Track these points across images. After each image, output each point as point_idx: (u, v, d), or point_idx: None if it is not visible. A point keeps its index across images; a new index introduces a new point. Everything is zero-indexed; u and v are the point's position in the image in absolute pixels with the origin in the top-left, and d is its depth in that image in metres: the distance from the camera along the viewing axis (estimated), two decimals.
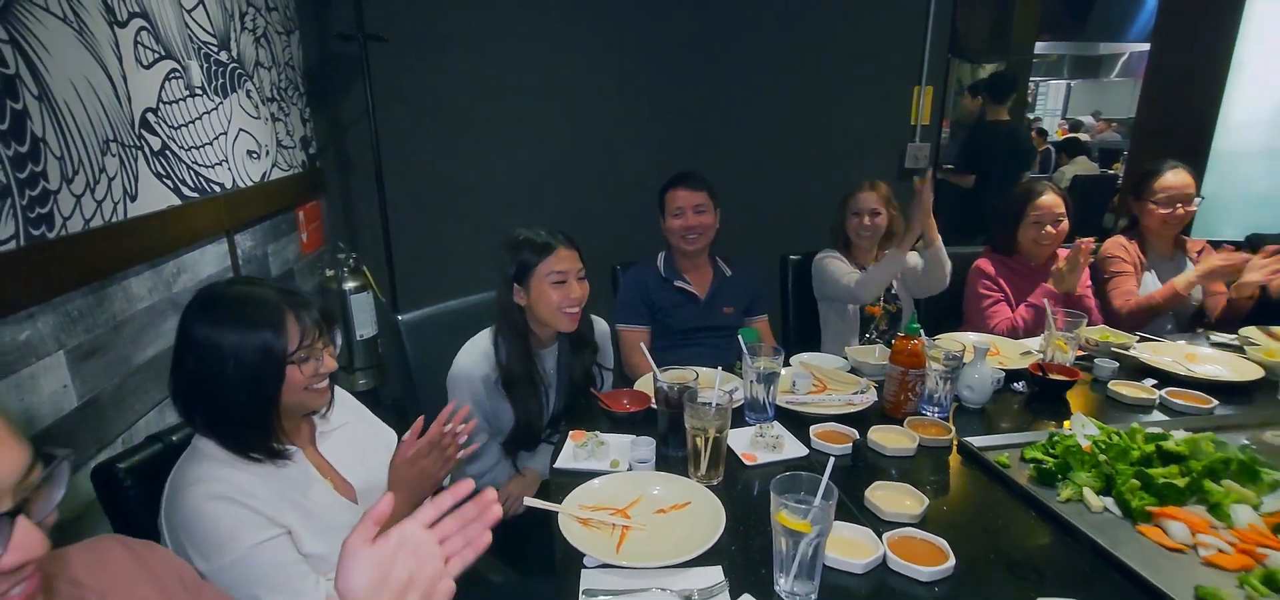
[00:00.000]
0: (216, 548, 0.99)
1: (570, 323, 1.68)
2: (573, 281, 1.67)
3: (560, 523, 1.15)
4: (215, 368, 1.02)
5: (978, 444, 1.45)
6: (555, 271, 1.64)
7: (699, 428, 1.31)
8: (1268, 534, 1.13)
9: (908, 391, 1.58)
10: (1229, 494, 1.21)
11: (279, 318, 1.06)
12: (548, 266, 1.64)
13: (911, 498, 1.24)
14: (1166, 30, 4.11)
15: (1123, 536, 1.15)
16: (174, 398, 1.07)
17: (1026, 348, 2.01)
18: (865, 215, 2.36)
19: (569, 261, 1.66)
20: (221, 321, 1.03)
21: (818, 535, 0.98)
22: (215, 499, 1.00)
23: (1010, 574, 1.08)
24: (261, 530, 1.03)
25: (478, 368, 1.68)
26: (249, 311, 1.05)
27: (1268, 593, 1.01)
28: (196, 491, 1.00)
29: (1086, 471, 1.29)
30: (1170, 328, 2.36)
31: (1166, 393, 1.70)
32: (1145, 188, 2.39)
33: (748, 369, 1.58)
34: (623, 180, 3.10)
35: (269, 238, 2.31)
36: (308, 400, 1.14)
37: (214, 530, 0.99)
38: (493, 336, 1.71)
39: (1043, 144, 7.48)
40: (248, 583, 0.99)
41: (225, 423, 1.05)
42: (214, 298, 1.07)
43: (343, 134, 2.92)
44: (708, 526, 1.15)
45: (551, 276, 1.64)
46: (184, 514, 0.99)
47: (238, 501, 1.01)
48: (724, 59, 3.10)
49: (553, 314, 1.66)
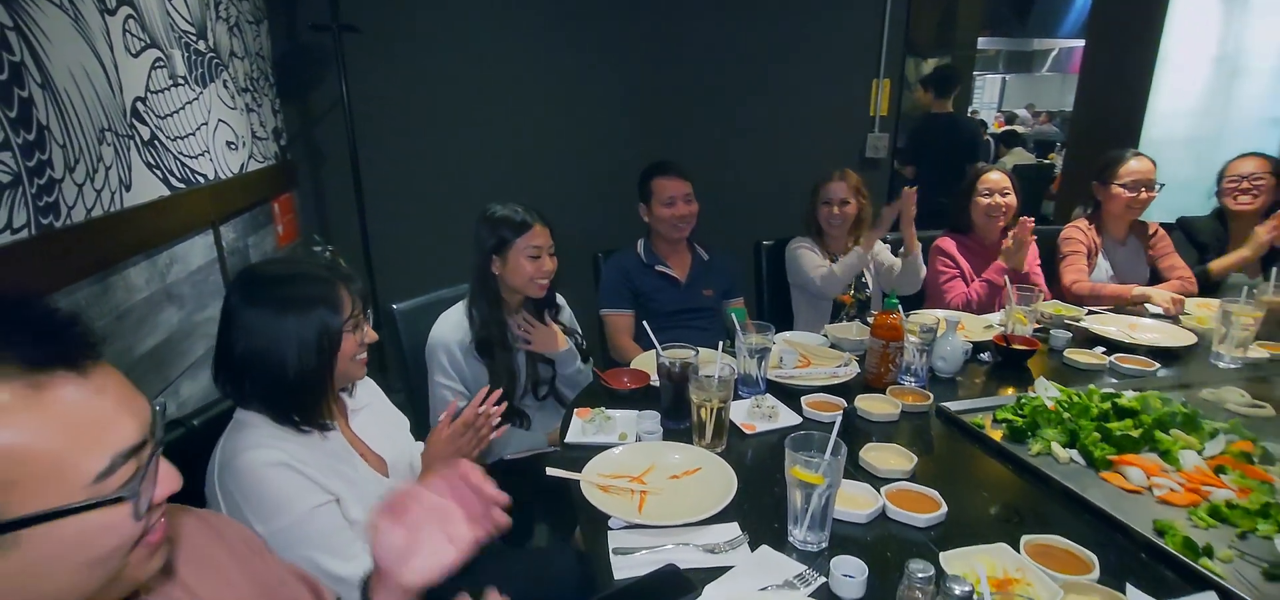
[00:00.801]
0: (275, 510, 1.03)
1: (540, 291, 1.84)
2: (545, 256, 1.81)
3: (583, 489, 1.22)
4: (275, 346, 1.06)
5: (955, 408, 1.58)
6: (531, 246, 1.78)
7: (704, 399, 1.39)
8: (1210, 474, 1.28)
9: (888, 363, 1.70)
10: (1177, 442, 1.36)
11: (333, 291, 1.11)
12: (525, 242, 1.78)
13: (901, 457, 1.35)
14: (1099, 27, 4.39)
15: (1089, 482, 1.28)
16: (219, 377, 1.10)
17: (988, 322, 2.16)
18: (835, 204, 2.47)
19: (543, 238, 1.80)
20: (280, 301, 1.07)
21: (829, 487, 1.07)
22: (273, 466, 1.04)
23: (995, 518, 1.20)
24: (316, 495, 1.07)
25: (453, 334, 1.79)
26: (307, 288, 1.10)
27: (1213, 523, 1.15)
28: (253, 457, 1.03)
29: (1053, 428, 1.43)
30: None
31: (1115, 358, 1.86)
32: (1111, 172, 2.54)
33: (740, 345, 1.67)
34: (598, 170, 3.15)
35: (249, 230, 2.28)
36: (352, 371, 1.19)
37: (274, 493, 1.03)
38: (466, 307, 1.82)
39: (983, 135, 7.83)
40: (303, 545, 1.03)
41: (283, 396, 1.09)
42: (267, 278, 1.11)
43: (313, 125, 2.89)
44: (721, 488, 1.23)
45: (528, 251, 1.78)
46: (242, 479, 1.02)
47: (294, 468, 1.05)
48: (693, 52, 3.18)
49: (526, 283, 1.81)
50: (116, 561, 0.60)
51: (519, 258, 1.77)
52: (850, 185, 2.48)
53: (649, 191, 2.34)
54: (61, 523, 0.55)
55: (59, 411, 0.55)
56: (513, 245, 1.77)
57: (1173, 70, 4.03)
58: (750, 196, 3.33)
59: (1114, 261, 2.59)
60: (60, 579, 0.57)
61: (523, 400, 1.88)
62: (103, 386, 0.59)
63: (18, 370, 0.54)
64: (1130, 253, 2.62)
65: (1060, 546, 1.06)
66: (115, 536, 0.59)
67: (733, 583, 1.03)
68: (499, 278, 1.81)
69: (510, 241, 1.77)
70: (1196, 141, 3.95)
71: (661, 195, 2.31)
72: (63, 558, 0.56)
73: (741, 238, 2.75)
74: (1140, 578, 1.02)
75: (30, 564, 0.55)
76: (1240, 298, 1.86)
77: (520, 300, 1.88)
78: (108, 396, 0.59)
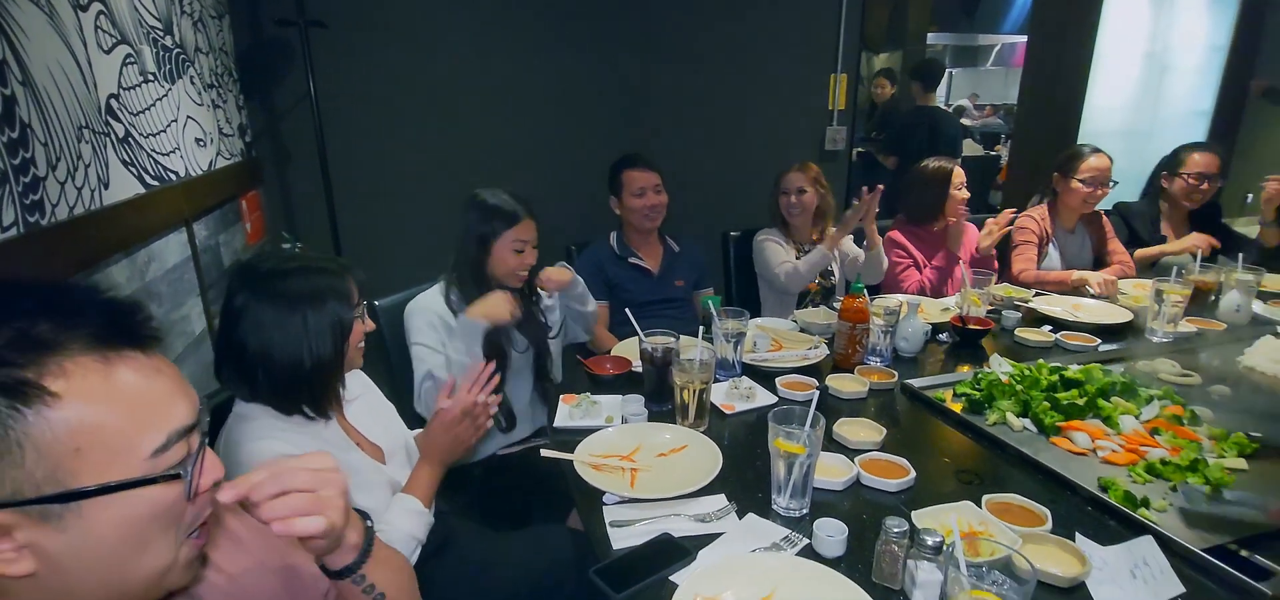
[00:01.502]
0: None
1: (518, 282, 1.88)
2: (528, 249, 1.85)
3: (577, 468, 1.28)
4: (291, 340, 1.08)
5: (918, 384, 1.68)
6: (518, 240, 1.82)
7: (687, 382, 1.46)
8: (1147, 436, 1.41)
9: (855, 344, 1.80)
10: (1117, 408, 1.49)
11: (343, 282, 1.15)
12: (513, 234, 1.81)
13: (871, 430, 1.45)
14: (1040, 23, 4.61)
15: (1040, 447, 1.40)
16: (222, 372, 1.11)
17: (946, 305, 2.29)
18: (792, 194, 2.56)
19: (529, 232, 1.84)
20: (293, 296, 1.10)
21: (809, 456, 1.15)
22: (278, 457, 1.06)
23: (958, 481, 1.30)
24: None
25: (434, 303, 1.81)
26: (317, 281, 1.12)
27: (1149, 478, 1.28)
28: (260, 448, 1.06)
29: (1007, 399, 1.54)
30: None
31: (1060, 336, 2.00)
32: (1073, 167, 2.69)
33: (717, 331, 1.74)
34: (569, 164, 3.19)
35: (220, 227, 2.26)
36: (355, 359, 1.23)
37: None
38: (443, 290, 1.84)
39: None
40: None
41: (298, 388, 1.11)
42: (273, 272, 1.12)
43: (279, 121, 2.86)
44: (707, 463, 1.30)
45: (514, 243, 1.82)
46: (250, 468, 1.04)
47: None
48: (659, 47, 3.25)
49: (506, 275, 1.84)
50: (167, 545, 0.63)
51: (504, 248, 1.81)
52: (808, 176, 2.57)
53: (619, 184, 2.40)
54: (120, 497, 0.58)
55: (124, 387, 0.59)
56: (501, 236, 1.80)
57: (1108, 66, 4.27)
58: (717, 188, 3.42)
59: (1063, 248, 2.76)
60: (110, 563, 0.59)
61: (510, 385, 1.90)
62: (161, 368, 0.62)
63: (90, 344, 0.57)
64: (1078, 240, 2.79)
65: (1017, 503, 1.17)
66: (167, 516, 0.62)
67: (724, 547, 1.11)
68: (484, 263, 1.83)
69: (499, 232, 1.80)
70: (1130, 134, 4.20)
71: (631, 186, 2.37)
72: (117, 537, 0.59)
73: (709, 229, 2.84)
74: (1087, 528, 1.13)
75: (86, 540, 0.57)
76: (1171, 278, 2.02)
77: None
78: (165, 377, 0.62)
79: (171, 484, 0.61)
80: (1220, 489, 1.22)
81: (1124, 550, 1.06)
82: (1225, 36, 4.58)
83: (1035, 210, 2.79)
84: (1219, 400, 1.64)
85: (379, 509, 1.20)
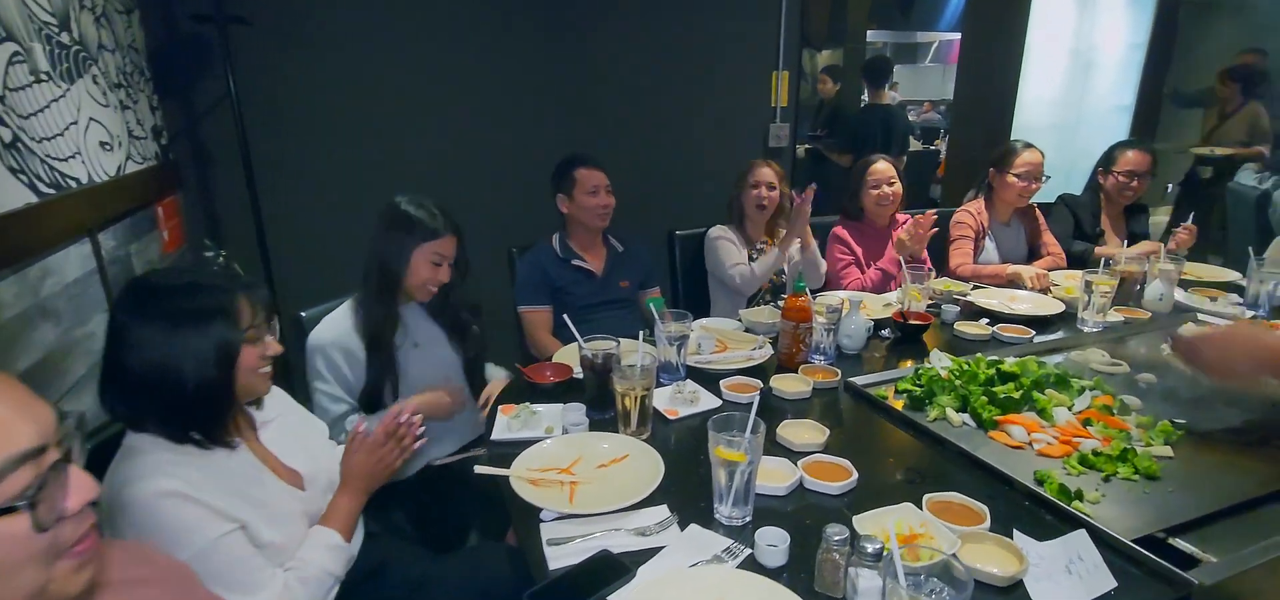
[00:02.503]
0: (173, 545, 0.95)
1: (427, 296, 1.78)
2: (446, 266, 1.75)
3: (512, 484, 1.22)
4: (171, 362, 0.99)
5: (861, 382, 1.68)
6: (437, 253, 1.72)
7: (628, 389, 1.42)
8: (1080, 427, 1.44)
9: (799, 343, 1.79)
10: (1052, 400, 1.52)
11: (231, 301, 1.05)
12: (433, 247, 1.71)
13: (814, 431, 1.43)
14: (973, 21, 4.74)
15: (979, 442, 1.41)
16: (108, 398, 1.01)
17: (887, 300, 2.31)
18: (763, 186, 2.54)
19: (449, 248, 1.74)
20: (175, 314, 1.00)
21: (750, 463, 1.13)
22: (166, 497, 0.96)
23: (900, 481, 1.30)
24: (216, 525, 1.01)
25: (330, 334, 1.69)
26: (202, 299, 1.03)
27: (1082, 470, 1.30)
28: (145, 489, 0.96)
29: (947, 394, 1.55)
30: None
31: (997, 329, 2.04)
32: (1008, 162, 2.75)
33: (660, 334, 1.71)
34: (509, 165, 3.11)
35: (130, 236, 2.11)
36: (255, 385, 1.13)
37: (169, 527, 0.96)
38: (353, 305, 1.74)
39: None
40: (206, 580, 0.97)
41: (182, 415, 1.02)
42: (157, 289, 1.03)
43: (198, 123, 2.69)
44: (649, 473, 1.26)
45: (432, 256, 1.71)
46: (135, 513, 0.95)
47: (191, 498, 0.98)
48: (601, 45, 3.19)
49: (419, 287, 1.74)
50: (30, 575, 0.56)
51: (422, 259, 1.70)
52: (776, 172, 2.57)
53: (571, 181, 2.32)
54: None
55: None
56: (422, 246, 1.70)
57: (1037, 62, 4.41)
58: (662, 187, 3.39)
59: (999, 241, 2.83)
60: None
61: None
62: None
63: None
64: (1013, 233, 2.87)
65: (957, 502, 1.17)
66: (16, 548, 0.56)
67: (665, 561, 1.07)
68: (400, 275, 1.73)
69: (420, 242, 1.70)
70: (1058, 128, 4.35)
71: (585, 185, 2.30)
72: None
73: (654, 228, 2.81)
74: (1025, 523, 1.13)
75: None
76: (1099, 269, 2.08)
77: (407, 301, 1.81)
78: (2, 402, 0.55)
79: (14, 517, 0.55)
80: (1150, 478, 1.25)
81: (1060, 545, 1.07)
82: (1144, 35, 4.79)
83: (971, 205, 2.85)
84: (1146, 388, 1.69)
85: (294, 542, 1.12)
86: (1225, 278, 2.64)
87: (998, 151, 2.83)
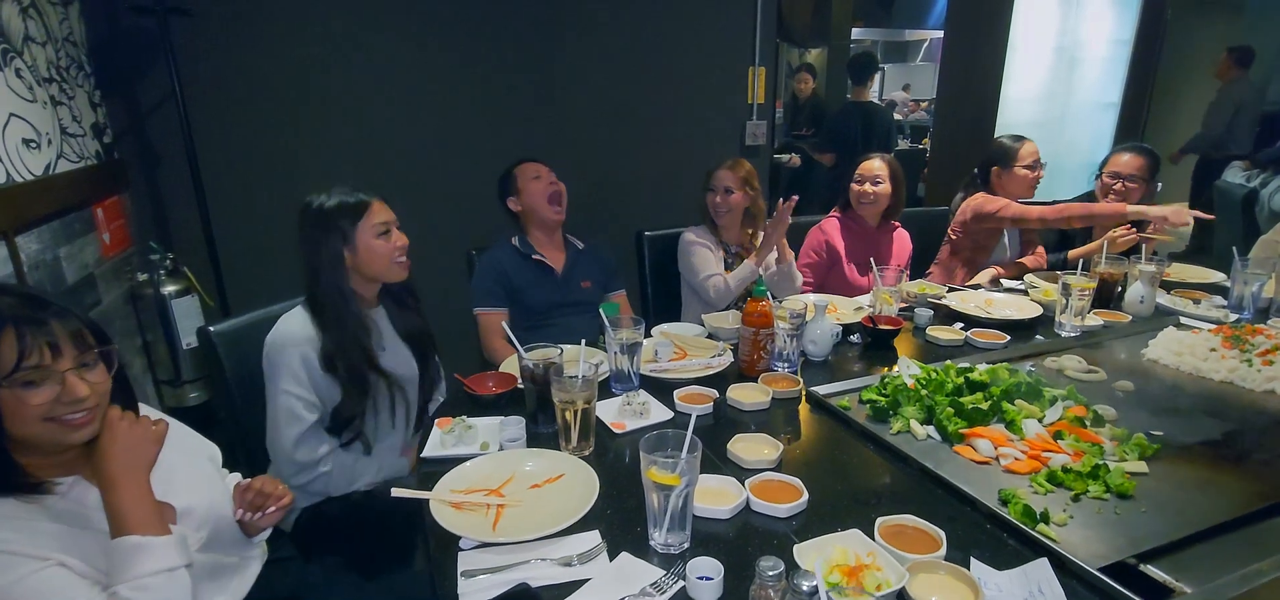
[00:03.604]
0: None
1: (403, 270, 1.65)
2: (395, 230, 1.63)
3: (432, 509, 1.12)
4: None
5: (823, 392, 1.59)
6: (377, 224, 1.59)
7: (568, 401, 1.32)
8: (1050, 441, 1.35)
9: (760, 350, 1.69)
10: (1021, 411, 1.42)
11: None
12: (369, 222, 1.58)
13: (769, 446, 1.34)
14: (956, 18, 4.67)
15: (943, 457, 1.32)
16: None
17: (858, 304, 2.21)
18: (718, 192, 2.44)
19: (386, 212, 1.62)
20: None
21: (686, 486, 1.03)
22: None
23: (854, 501, 1.20)
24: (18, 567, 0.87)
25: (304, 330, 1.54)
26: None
27: (1050, 488, 1.20)
28: None
29: (912, 405, 1.46)
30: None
31: (971, 334, 1.95)
32: (1012, 157, 2.67)
33: (610, 341, 1.61)
34: (470, 163, 2.99)
35: (60, 239, 2.01)
36: (55, 434, 0.95)
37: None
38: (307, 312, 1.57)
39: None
40: None
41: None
42: None
43: (144, 121, 2.58)
44: (582, 494, 1.16)
45: (376, 229, 1.59)
46: None
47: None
48: (566, 37, 3.08)
49: (386, 266, 1.61)
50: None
51: (368, 240, 1.57)
52: (738, 175, 2.44)
53: (512, 181, 2.27)
54: None
55: None
56: (357, 230, 1.57)
57: (1021, 59, 4.34)
58: (632, 187, 3.30)
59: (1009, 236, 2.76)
60: None
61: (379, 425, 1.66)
62: None
63: None
64: (1014, 233, 2.78)
65: (911, 525, 1.07)
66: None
67: (589, 596, 0.97)
68: (351, 271, 1.59)
69: (353, 228, 1.57)
70: (1043, 125, 4.28)
71: (527, 173, 2.25)
72: None
73: (625, 230, 2.70)
74: (984, 549, 1.04)
75: None
76: (1077, 270, 2.00)
77: (376, 291, 1.69)
78: None
79: None
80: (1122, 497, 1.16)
81: (1020, 575, 0.97)
82: (1130, 31, 4.72)
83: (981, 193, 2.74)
84: (1123, 396, 1.60)
85: None
86: (1209, 279, 2.57)
87: (994, 152, 2.73)
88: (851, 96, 4.82)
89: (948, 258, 2.80)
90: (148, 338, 2.51)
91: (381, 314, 1.71)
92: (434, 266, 2.95)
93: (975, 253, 2.74)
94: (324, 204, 1.57)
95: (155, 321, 2.47)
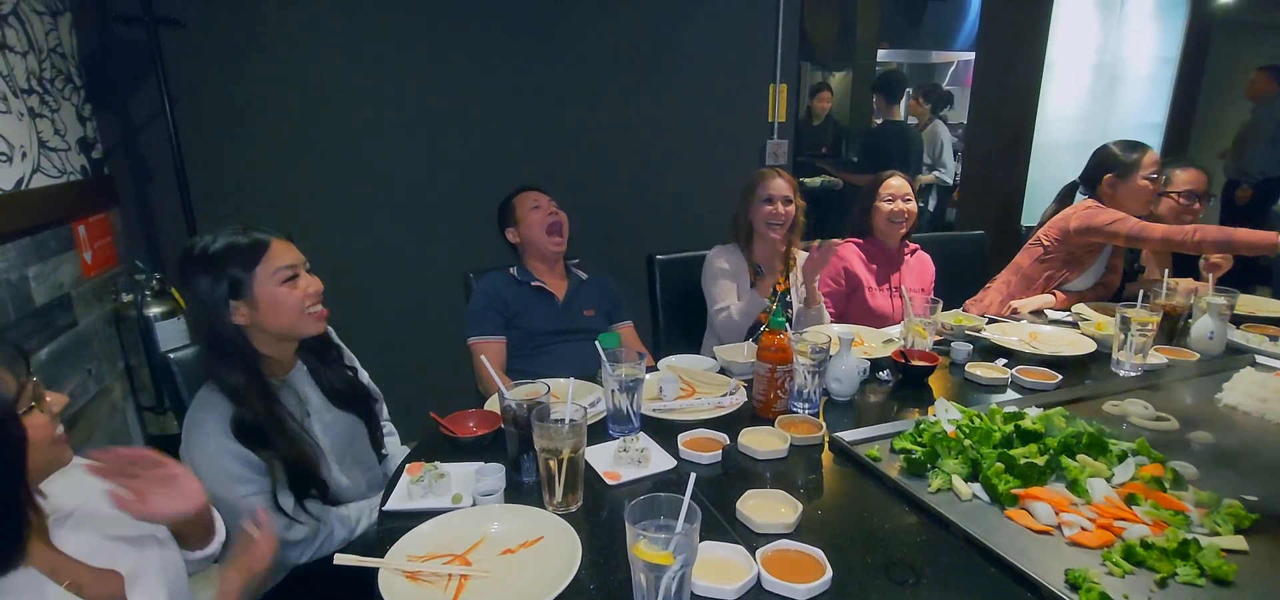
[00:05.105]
0: None
1: (319, 322, 1.38)
2: (304, 274, 1.36)
3: (381, 582, 0.95)
4: None
5: (849, 438, 1.39)
6: (281, 268, 1.32)
7: (551, 449, 1.14)
8: (1122, 506, 1.13)
9: (777, 389, 1.50)
10: (1085, 468, 1.21)
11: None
12: (268, 267, 1.31)
13: (786, 505, 1.14)
14: (988, 38, 4.46)
15: (993, 523, 1.11)
16: None
17: (888, 336, 2.01)
18: (778, 202, 2.21)
19: (290, 253, 1.35)
20: None
21: (682, 565, 0.85)
22: None
23: (887, 578, 1.00)
24: None
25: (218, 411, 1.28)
26: None
27: (1129, 567, 0.99)
28: None
29: (954, 458, 1.26)
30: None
31: (1017, 371, 1.74)
32: (1132, 166, 2.38)
33: (608, 377, 1.43)
34: (471, 184, 2.86)
35: (30, 258, 1.89)
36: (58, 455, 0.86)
37: None
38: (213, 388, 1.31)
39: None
40: None
41: None
42: None
43: (135, 135, 2.48)
44: (563, 563, 0.98)
45: (278, 276, 1.32)
46: None
47: None
48: (577, 54, 2.94)
49: (296, 319, 1.34)
50: None
51: (270, 289, 1.30)
52: (790, 184, 2.25)
53: (511, 211, 2.16)
54: None
55: None
56: (254, 277, 1.30)
57: (1058, 78, 4.13)
58: (643, 210, 3.14)
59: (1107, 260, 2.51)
60: None
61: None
62: None
63: None
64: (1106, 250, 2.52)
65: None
66: None
67: None
68: (247, 330, 1.32)
69: (247, 276, 1.29)
70: (1082, 146, 4.02)
71: (526, 203, 2.13)
72: None
73: (637, 254, 2.52)
74: None
75: None
76: (1137, 302, 1.78)
77: (292, 350, 1.43)
78: None
79: None
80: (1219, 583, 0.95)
81: None
82: (1175, 49, 4.48)
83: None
84: (1200, 449, 1.38)
85: None
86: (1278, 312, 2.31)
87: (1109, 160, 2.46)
88: (882, 116, 4.69)
89: (1029, 265, 2.53)
90: (131, 361, 2.39)
91: (302, 375, 1.45)
92: (431, 291, 2.82)
93: (1064, 267, 2.47)
94: (209, 247, 1.30)
95: (139, 344, 2.35)
